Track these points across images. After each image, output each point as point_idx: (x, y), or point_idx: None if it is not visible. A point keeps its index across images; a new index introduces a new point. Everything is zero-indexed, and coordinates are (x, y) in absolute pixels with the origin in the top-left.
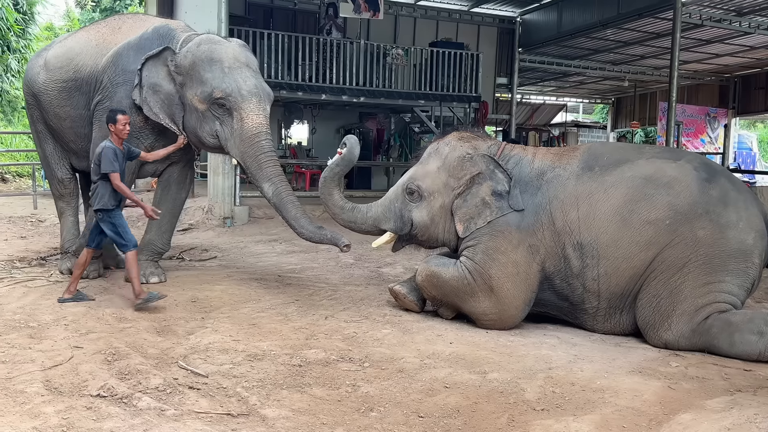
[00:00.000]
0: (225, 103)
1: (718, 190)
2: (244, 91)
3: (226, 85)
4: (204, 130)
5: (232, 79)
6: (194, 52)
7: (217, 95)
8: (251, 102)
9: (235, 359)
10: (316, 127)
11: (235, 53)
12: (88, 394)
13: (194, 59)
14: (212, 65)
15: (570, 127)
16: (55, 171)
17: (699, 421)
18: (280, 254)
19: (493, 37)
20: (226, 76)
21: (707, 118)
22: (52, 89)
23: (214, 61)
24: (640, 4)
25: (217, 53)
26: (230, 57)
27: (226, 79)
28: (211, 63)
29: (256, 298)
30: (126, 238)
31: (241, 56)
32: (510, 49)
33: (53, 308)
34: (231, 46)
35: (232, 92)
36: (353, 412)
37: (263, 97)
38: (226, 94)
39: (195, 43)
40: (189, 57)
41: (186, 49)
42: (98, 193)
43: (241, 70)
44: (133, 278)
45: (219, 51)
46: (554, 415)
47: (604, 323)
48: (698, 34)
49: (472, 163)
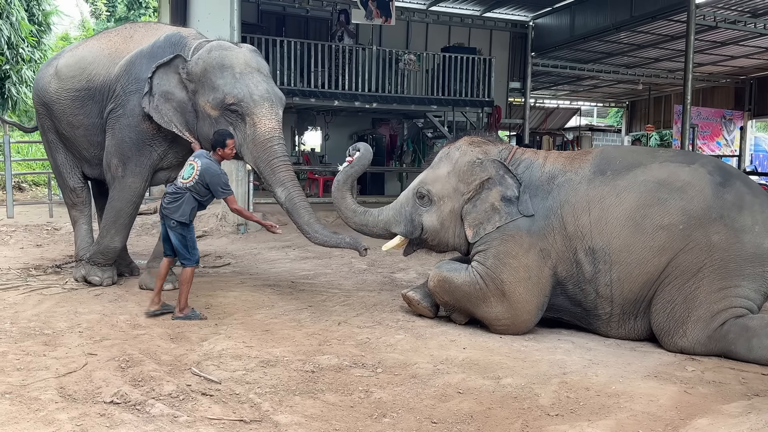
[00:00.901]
0: (237, 108)
1: (733, 193)
2: (256, 96)
3: (237, 91)
4: None
5: (243, 85)
6: (205, 58)
7: (230, 101)
8: (263, 107)
9: (248, 365)
10: (329, 133)
11: (246, 58)
12: (101, 401)
13: (205, 66)
14: (223, 71)
15: (584, 131)
16: (67, 180)
17: (716, 426)
18: (293, 260)
19: (505, 41)
20: (237, 82)
21: (723, 121)
22: (64, 98)
23: (225, 67)
24: (653, 7)
25: (228, 59)
26: (241, 62)
27: (237, 84)
28: (222, 69)
29: (270, 305)
30: (192, 253)
31: (252, 61)
32: (523, 53)
33: (68, 315)
34: (242, 52)
35: (244, 97)
36: (366, 418)
37: (275, 101)
38: (238, 100)
39: (206, 50)
40: (200, 64)
41: (197, 56)
42: (181, 205)
43: (253, 75)
44: (182, 293)
45: (230, 57)
46: (569, 421)
47: (619, 329)
48: (713, 36)
49: (482, 168)
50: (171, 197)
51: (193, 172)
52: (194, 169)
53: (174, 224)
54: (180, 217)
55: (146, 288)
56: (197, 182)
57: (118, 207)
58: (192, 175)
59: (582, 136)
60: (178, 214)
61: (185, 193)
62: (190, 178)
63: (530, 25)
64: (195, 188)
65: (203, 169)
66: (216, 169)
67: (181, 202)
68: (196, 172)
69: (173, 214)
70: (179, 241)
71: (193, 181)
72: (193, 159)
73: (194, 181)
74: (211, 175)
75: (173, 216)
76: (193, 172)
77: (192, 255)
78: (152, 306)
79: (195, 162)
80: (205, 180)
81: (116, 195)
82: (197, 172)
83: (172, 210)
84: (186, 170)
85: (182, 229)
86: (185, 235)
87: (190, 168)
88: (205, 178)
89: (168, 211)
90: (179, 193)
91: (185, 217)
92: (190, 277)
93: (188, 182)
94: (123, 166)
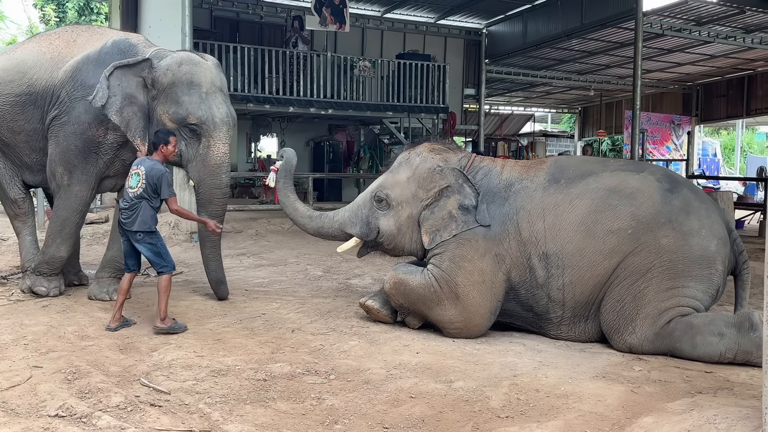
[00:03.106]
0: (197, 129)
1: (681, 199)
2: (216, 119)
3: (201, 113)
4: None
5: (207, 106)
6: (175, 71)
7: (192, 121)
8: (221, 131)
9: (199, 375)
10: (285, 140)
11: (212, 77)
12: (46, 415)
13: (174, 79)
14: (191, 89)
15: (538, 136)
16: (7, 192)
17: (660, 424)
18: (247, 268)
19: (460, 48)
20: (202, 102)
21: (672, 126)
22: (3, 103)
23: (193, 85)
24: (602, 15)
25: (197, 77)
26: (208, 81)
27: (202, 105)
28: (191, 86)
29: (222, 313)
30: (167, 259)
31: (217, 80)
32: (477, 60)
33: (13, 328)
34: (209, 69)
35: (206, 120)
36: (317, 425)
37: (231, 124)
38: (200, 122)
39: (176, 62)
40: (169, 75)
41: (166, 66)
42: (138, 215)
43: (216, 96)
44: (161, 302)
45: (198, 74)
46: (518, 422)
47: (569, 332)
48: (660, 43)
49: (441, 176)
50: (127, 211)
51: (139, 179)
52: (140, 176)
53: (140, 236)
54: (141, 226)
55: (95, 298)
56: (146, 187)
57: (64, 216)
58: (139, 183)
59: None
60: (137, 224)
61: (139, 202)
62: (138, 185)
63: (483, 33)
64: (146, 194)
65: (147, 171)
66: (160, 168)
67: (138, 211)
68: (142, 178)
69: (133, 226)
70: (151, 252)
71: (142, 188)
72: (135, 167)
73: (143, 187)
74: (157, 173)
75: (134, 228)
76: (140, 179)
77: (168, 261)
78: (112, 323)
79: (139, 169)
80: (152, 181)
81: (62, 204)
82: (143, 178)
83: (131, 222)
84: (132, 180)
85: (150, 238)
86: (154, 243)
87: (135, 176)
88: (151, 179)
89: (128, 225)
90: (134, 205)
91: (147, 225)
92: (168, 284)
93: (137, 190)
94: (69, 175)
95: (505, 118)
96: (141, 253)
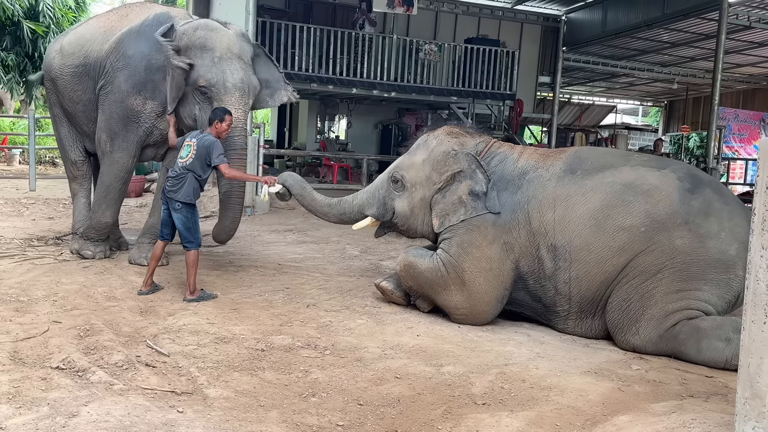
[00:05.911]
0: (207, 92)
1: (701, 200)
2: (228, 83)
3: (211, 76)
4: (184, 111)
5: (219, 71)
6: (190, 35)
7: (202, 83)
8: (233, 96)
9: (203, 341)
10: (352, 121)
11: (229, 43)
12: (48, 366)
13: (189, 43)
14: (204, 53)
15: (620, 129)
16: (68, 153)
17: (634, 423)
18: (289, 244)
19: (536, 35)
20: (214, 66)
21: (762, 124)
22: (66, 74)
23: (206, 49)
24: (686, 5)
25: (210, 41)
26: (223, 46)
27: (213, 69)
28: (203, 50)
29: (248, 285)
30: (195, 236)
31: (235, 47)
32: (554, 47)
33: (49, 285)
34: (226, 35)
35: (217, 83)
36: (295, 396)
37: (248, 91)
38: (210, 84)
39: (192, 28)
40: (184, 40)
41: (182, 32)
42: (183, 186)
43: (231, 62)
44: (190, 276)
45: (213, 39)
46: (492, 410)
47: (575, 327)
48: (749, 36)
49: (455, 160)
50: (173, 180)
51: (190, 150)
52: (191, 147)
53: (179, 206)
54: (184, 197)
55: (134, 263)
56: (196, 157)
57: (108, 182)
58: (190, 153)
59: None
60: (181, 194)
61: (186, 174)
62: (189, 156)
63: (562, 20)
64: (194, 165)
65: (199, 142)
66: (212, 138)
67: (183, 183)
68: (192, 149)
69: (176, 195)
70: (183, 224)
71: (192, 158)
72: (188, 139)
73: (193, 157)
74: (208, 142)
75: (177, 197)
76: (191, 150)
77: (195, 238)
78: (144, 287)
79: (191, 141)
80: (203, 151)
81: (106, 170)
82: (194, 148)
83: (175, 192)
84: (183, 150)
85: (187, 211)
86: (189, 217)
87: (187, 148)
88: (203, 149)
89: (171, 194)
90: (181, 175)
91: (189, 198)
92: (196, 259)
93: (187, 161)
94: (111, 142)
95: (586, 109)
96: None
